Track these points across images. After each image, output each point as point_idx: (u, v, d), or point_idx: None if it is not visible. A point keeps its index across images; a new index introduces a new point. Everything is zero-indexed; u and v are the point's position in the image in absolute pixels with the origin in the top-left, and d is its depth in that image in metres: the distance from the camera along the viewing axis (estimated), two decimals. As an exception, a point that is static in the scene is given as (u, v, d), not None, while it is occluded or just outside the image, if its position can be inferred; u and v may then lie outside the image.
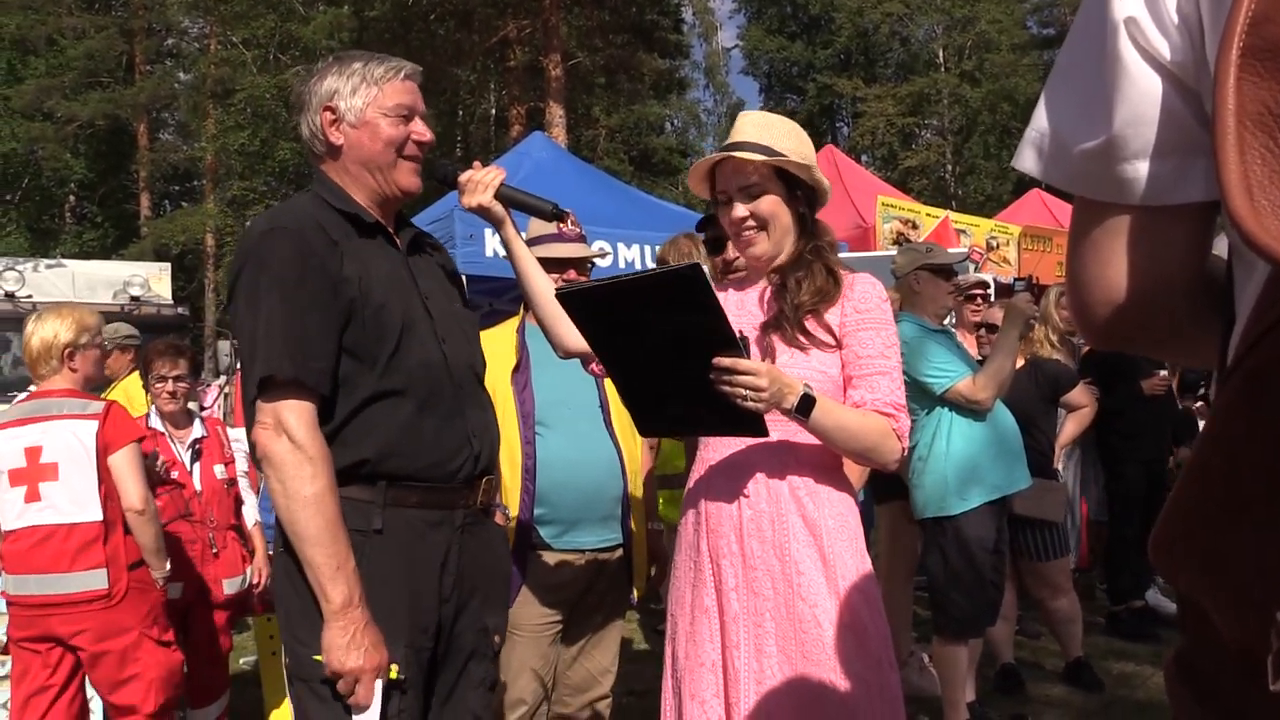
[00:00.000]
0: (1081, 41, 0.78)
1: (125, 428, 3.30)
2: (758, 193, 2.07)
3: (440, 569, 1.96)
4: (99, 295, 8.70)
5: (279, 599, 1.96)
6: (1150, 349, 0.90)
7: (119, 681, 3.20)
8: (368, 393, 1.88)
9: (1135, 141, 0.73)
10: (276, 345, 1.80)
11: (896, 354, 2.09)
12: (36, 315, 3.33)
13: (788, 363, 2.01)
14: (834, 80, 32.47)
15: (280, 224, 1.89)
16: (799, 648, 1.94)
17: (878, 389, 2.02)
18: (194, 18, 26.34)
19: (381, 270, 1.96)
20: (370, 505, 1.88)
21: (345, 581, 1.78)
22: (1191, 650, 0.66)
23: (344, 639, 1.77)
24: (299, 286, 1.83)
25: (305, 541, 1.78)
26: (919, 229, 8.53)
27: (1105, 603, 5.69)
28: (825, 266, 2.09)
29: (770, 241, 2.10)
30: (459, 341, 2.07)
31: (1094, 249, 0.80)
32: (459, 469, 1.97)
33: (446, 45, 21.49)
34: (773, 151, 2.06)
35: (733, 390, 1.82)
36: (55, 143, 24.73)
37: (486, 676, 2.10)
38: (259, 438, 1.82)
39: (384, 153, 1.98)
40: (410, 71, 2.03)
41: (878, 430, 1.99)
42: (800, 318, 2.05)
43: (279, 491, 1.81)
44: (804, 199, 2.11)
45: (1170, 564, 0.66)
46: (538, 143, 7.76)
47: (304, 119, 2.02)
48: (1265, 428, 0.58)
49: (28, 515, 3.15)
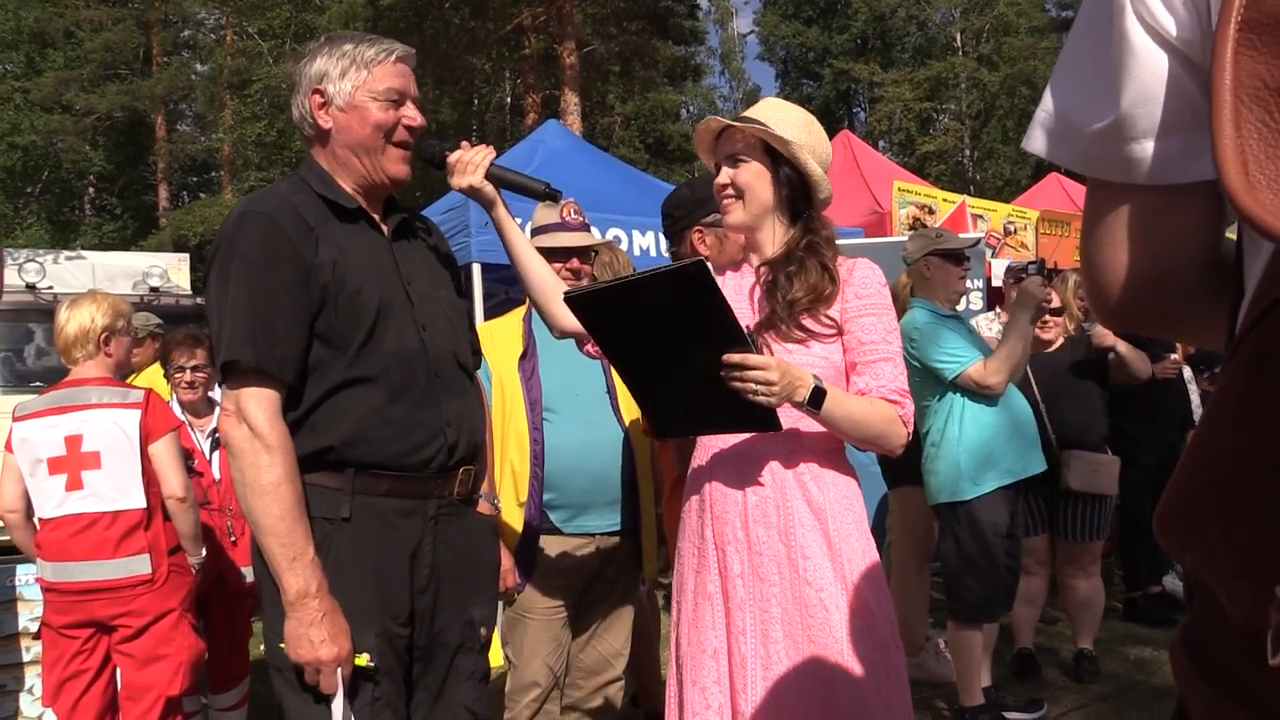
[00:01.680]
0: (1089, 22, 0.78)
1: (165, 417, 3.35)
2: (740, 161, 2.08)
3: (411, 558, 1.94)
4: (118, 286, 8.73)
5: (261, 592, 1.96)
6: (1164, 330, 0.90)
7: (153, 658, 3.25)
8: (338, 379, 1.87)
9: (1144, 120, 0.73)
10: (240, 330, 1.79)
11: (898, 339, 2.08)
12: (70, 301, 3.35)
13: (788, 355, 2.00)
14: (851, 65, 32.29)
15: (253, 209, 1.87)
16: (805, 632, 1.94)
17: (882, 375, 2.01)
18: (210, 9, 26.45)
19: (360, 255, 1.93)
20: (338, 493, 1.87)
21: (301, 572, 1.78)
22: (1196, 626, 0.66)
23: (300, 629, 1.77)
24: (267, 271, 1.81)
25: (262, 531, 1.79)
26: (935, 214, 8.48)
27: (1122, 588, 5.68)
28: (820, 264, 2.06)
29: (746, 213, 2.09)
30: (441, 329, 2.04)
31: (1106, 230, 0.80)
32: (431, 458, 1.95)
33: (461, 34, 21.49)
34: (756, 122, 2.06)
35: (744, 386, 1.82)
36: (74, 135, 24.92)
37: (476, 669, 2.08)
38: (222, 424, 1.83)
39: (372, 137, 1.95)
40: (402, 54, 1.99)
41: (885, 418, 1.99)
42: (796, 314, 2.03)
43: (238, 480, 1.81)
44: (789, 183, 2.08)
45: (1175, 541, 0.66)
46: (552, 130, 7.74)
47: (295, 101, 2.00)
48: (1266, 404, 0.58)
49: (69, 503, 3.18)
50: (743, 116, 2.11)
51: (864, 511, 2.08)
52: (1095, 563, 4.56)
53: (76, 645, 3.22)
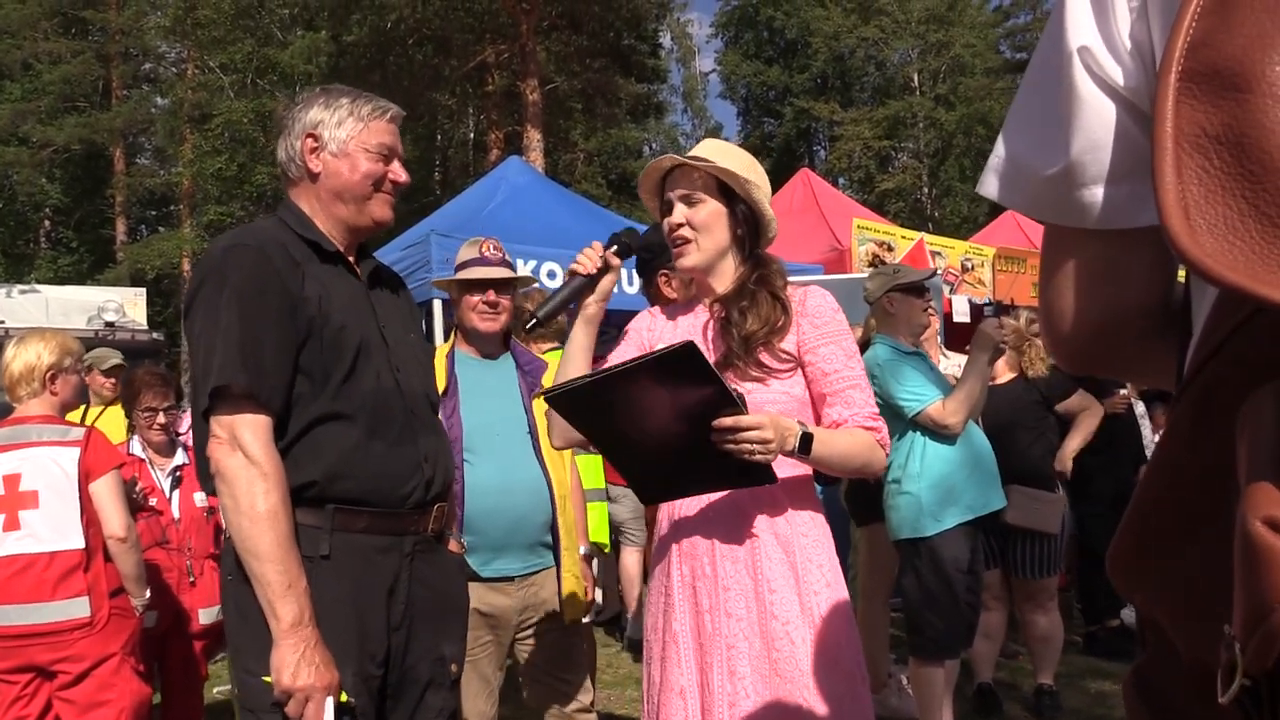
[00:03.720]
0: (1040, 70, 0.80)
1: (106, 455, 3.27)
2: (696, 201, 2.08)
3: (388, 595, 1.94)
4: (73, 320, 8.62)
5: (229, 632, 1.94)
6: (1119, 372, 0.92)
7: (94, 704, 3.15)
8: (317, 413, 1.88)
9: (1093, 167, 0.74)
10: (233, 357, 1.79)
11: (859, 361, 2.08)
12: (17, 339, 3.30)
13: (748, 394, 1.99)
14: (811, 104, 32.70)
15: (242, 241, 1.89)
16: (771, 666, 1.94)
17: (854, 403, 2.02)
18: (171, 43, 26.32)
19: (342, 295, 1.96)
20: (318, 531, 1.86)
21: (296, 600, 1.77)
22: (1149, 666, 0.67)
23: (294, 656, 1.75)
24: (258, 301, 1.82)
25: (257, 558, 1.76)
26: (894, 251, 8.58)
27: (1081, 622, 5.71)
28: (770, 294, 2.07)
29: (701, 252, 2.09)
30: (413, 370, 2.08)
31: (1060, 274, 0.81)
32: (409, 494, 1.97)
33: (424, 70, 21.57)
34: (706, 161, 2.07)
35: (738, 448, 1.83)
36: (30, 167, 24.62)
37: (445, 706, 2.08)
38: (213, 452, 1.81)
39: (360, 185, 1.99)
40: (395, 114, 2.06)
41: (867, 445, 2.01)
42: (752, 350, 2.03)
43: (231, 508, 1.79)
44: (745, 221, 2.10)
45: (1126, 580, 0.67)
46: (514, 167, 7.77)
47: (283, 143, 2.03)
48: (1210, 446, 0.59)
49: (6, 544, 3.10)
50: (692, 156, 2.11)
51: (831, 545, 2.08)
52: (1052, 599, 4.59)
53: (15, 691, 3.12)
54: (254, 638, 1.82)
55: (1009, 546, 4.52)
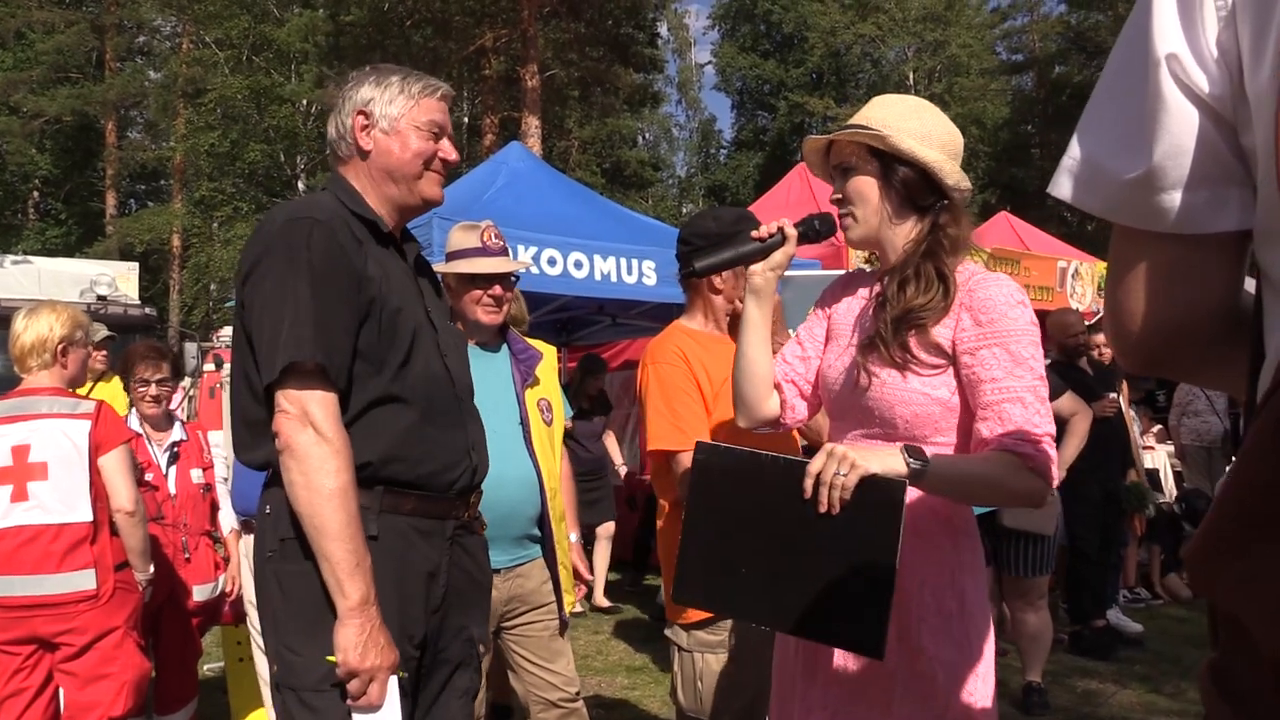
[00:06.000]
0: (1119, 75, 0.81)
1: (116, 429, 3.27)
2: (850, 170, 1.91)
3: (429, 578, 1.94)
4: (65, 293, 8.53)
5: (264, 606, 1.92)
6: (1183, 374, 0.93)
7: (96, 677, 3.15)
8: (375, 394, 1.87)
9: (1174, 172, 0.76)
10: (306, 332, 1.76)
11: (1031, 368, 1.76)
12: (29, 310, 3.28)
13: (880, 386, 1.83)
14: (805, 99, 32.64)
15: (310, 214, 1.85)
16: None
17: (1008, 420, 1.73)
18: (167, 16, 26.13)
19: (397, 277, 1.96)
20: (366, 511, 1.84)
21: (364, 578, 1.76)
22: (1226, 661, 0.69)
23: (361, 636, 1.74)
24: (329, 278, 1.80)
25: (326, 536, 1.75)
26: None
27: (1067, 621, 5.76)
28: (936, 269, 1.82)
29: (861, 224, 1.90)
30: (458, 356, 2.09)
31: (1132, 276, 0.83)
32: (456, 480, 1.98)
33: (423, 53, 21.45)
34: (858, 126, 1.88)
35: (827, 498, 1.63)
36: (20, 137, 24.42)
37: (471, 686, 2.09)
38: (282, 426, 1.77)
39: (411, 163, 1.98)
40: (445, 92, 2.06)
41: (1004, 471, 1.72)
42: (900, 334, 1.81)
43: (300, 484, 1.76)
44: (906, 181, 1.85)
45: (1206, 578, 0.69)
46: (515, 152, 7.74)
47: (334, 120, 2.03)
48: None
49: (13, 515, 3.09)
50: (849, 123, 1.92)
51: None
52: (1043, 597, 4.64)
53: (17, 662, 3.11)
54: (297, 615, 1.81)
55: (1001, 545, 4.57)
